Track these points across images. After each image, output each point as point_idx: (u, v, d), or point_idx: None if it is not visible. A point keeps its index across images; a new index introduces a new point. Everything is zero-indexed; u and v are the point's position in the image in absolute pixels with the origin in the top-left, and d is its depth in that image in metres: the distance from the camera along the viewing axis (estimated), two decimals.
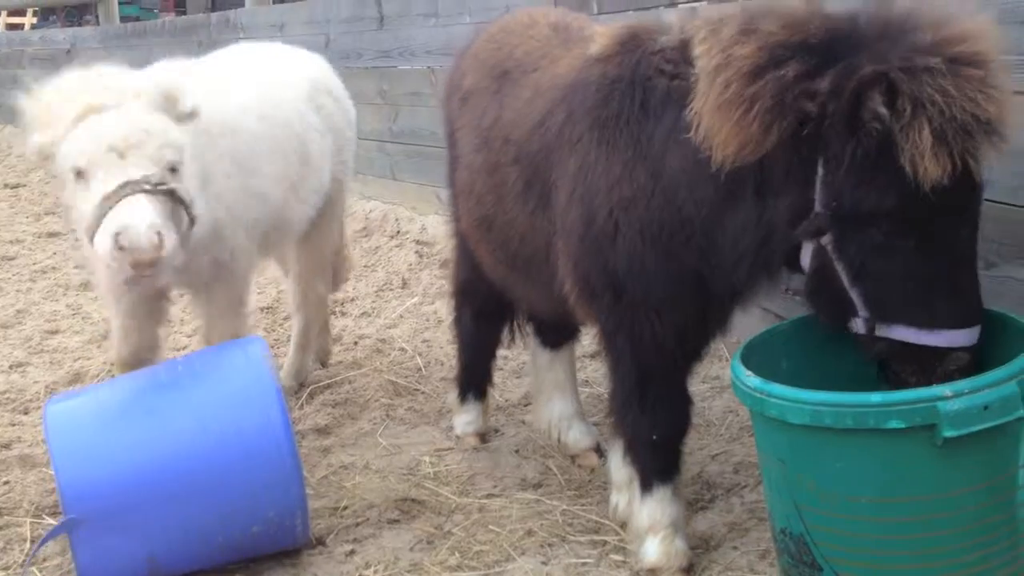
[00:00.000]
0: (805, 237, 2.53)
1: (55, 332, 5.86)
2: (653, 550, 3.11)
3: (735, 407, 4.08)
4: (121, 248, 3.00)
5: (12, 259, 7.56)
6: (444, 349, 5.41)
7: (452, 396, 4.33)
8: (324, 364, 5.18)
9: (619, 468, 3.35)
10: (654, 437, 3.09)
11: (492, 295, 3.90)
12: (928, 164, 2.31)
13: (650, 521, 3.13)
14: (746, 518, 3.33)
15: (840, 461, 2.38)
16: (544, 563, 3.26)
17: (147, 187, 3.09)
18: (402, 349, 5.39)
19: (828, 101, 2.41)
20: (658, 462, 3.13)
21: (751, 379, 2.49)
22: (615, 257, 2.93)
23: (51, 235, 8.14)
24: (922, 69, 2.32)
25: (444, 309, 5.90)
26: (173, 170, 3.22)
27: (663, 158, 2.80)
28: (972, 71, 2.32)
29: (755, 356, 2.67)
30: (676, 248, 2.81)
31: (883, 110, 2.34)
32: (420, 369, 5.16)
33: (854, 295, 2.51)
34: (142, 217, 3.01)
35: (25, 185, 10.46)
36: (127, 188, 3.07)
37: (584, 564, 3.24)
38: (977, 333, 2.46)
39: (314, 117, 4.45)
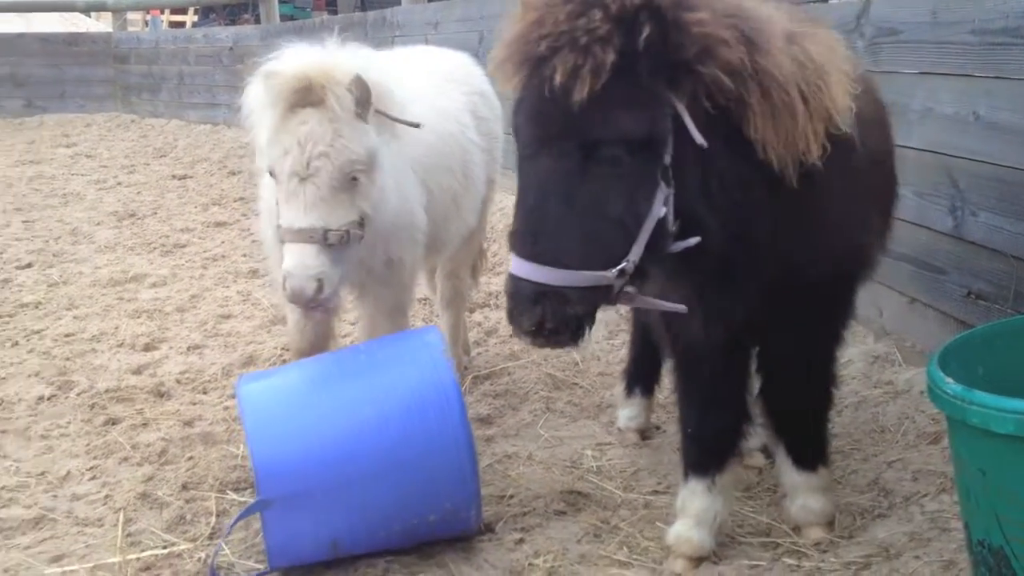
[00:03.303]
0: None
1: (227, 317, 6.13)
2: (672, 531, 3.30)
3: (911, 413, 3.96)
4: (286, 290, 3.26)
5: (184, 247, 7.92)
6: (600, 344, 5.43)
7: (618, 389, 4.35)
8: (467, 353, 5.29)
9: (788, 472, 3.33)
10: (689, 430, 3.25)
11: None
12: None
13: (680, 505, 3.31)
14: (927, 528, 3.23)
15: None
16: (715, 563, 3.24)
17: (315, 238, 3.24)
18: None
19: None
20: (690, 454, 3.28)
21: (952, 385, 2.41)
22: None
23: (219, 224, 8.50)
24: None
25: None
26: (354, 178, 3.32)
27: None
28: None
29: (950, 362, 2.58)
30: None
31: None
32: (577, 363, 5.19)
33: None
34: (305, 266, 3.22)
35: (192, 176, 10.94)
36: (299, 235, 3.25)
37: (757, 566, 3.21)
38: (523, 266, 2.39)
39: (474, 131, 4.49)
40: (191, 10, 23.68)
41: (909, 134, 4.25)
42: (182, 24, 23.40)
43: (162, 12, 22.67)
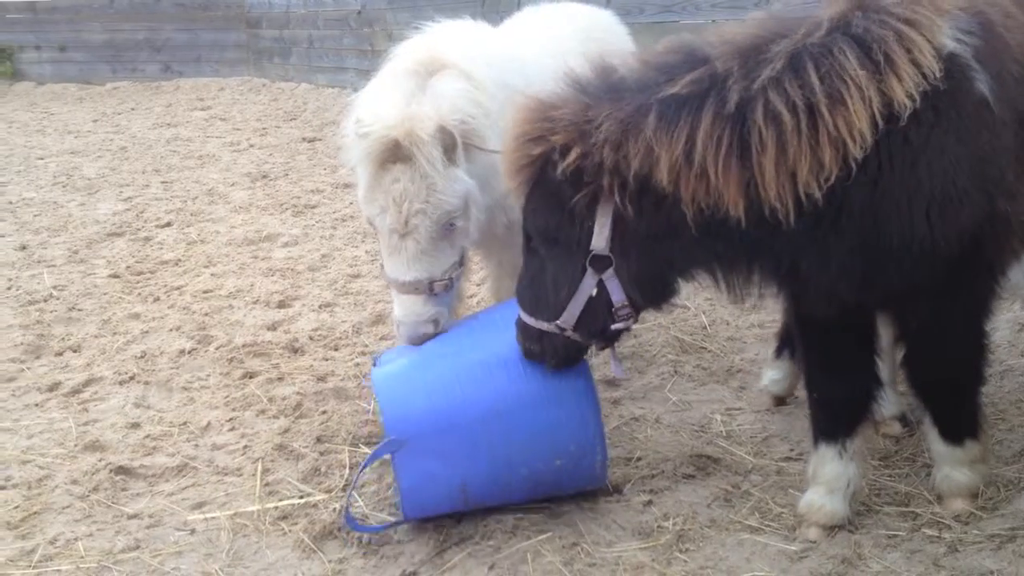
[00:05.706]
0: None
1: (356, 276, 6.25)
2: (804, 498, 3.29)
3: None
4: (400, 336, 3.50)
5: (314, 207, 8.10)
6: (728, 308, 5.34)
7: (771, 349, 4.24)
8: None
9: (934, 442, 3.21)
10: (815, 395, 3.24)
11: None
12: None
13: (811, 472, 3.29)
14: None
15: None
16: (851, 532, 3.16)
17: (421, 289, 3.39)
18: (685, 306, 5.36)
19: None
20: (819, 420, 3.26)
21: None
22: None
23: (347, 186, 8.63)
24: None
25: None
26: (452, 224, 3.40)
27: None
28: None
29: None
30: None
31: None
32: (705, 327, 5.11)
33: None
34: (417, 314, 3.42)
35: (321, 139, 11.16)
36: (405, 287, 3.40)
37: (895, 536, 3.12)
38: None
39: None
40: None
41: None
42: None
43: None
